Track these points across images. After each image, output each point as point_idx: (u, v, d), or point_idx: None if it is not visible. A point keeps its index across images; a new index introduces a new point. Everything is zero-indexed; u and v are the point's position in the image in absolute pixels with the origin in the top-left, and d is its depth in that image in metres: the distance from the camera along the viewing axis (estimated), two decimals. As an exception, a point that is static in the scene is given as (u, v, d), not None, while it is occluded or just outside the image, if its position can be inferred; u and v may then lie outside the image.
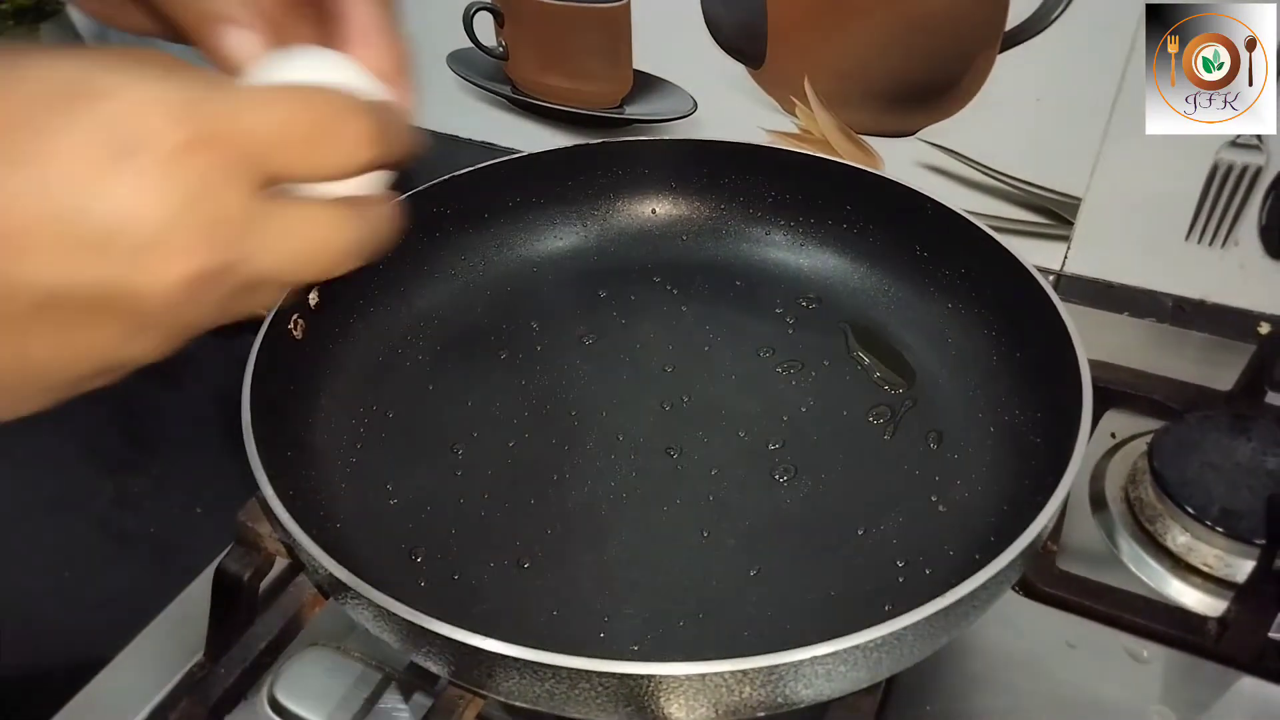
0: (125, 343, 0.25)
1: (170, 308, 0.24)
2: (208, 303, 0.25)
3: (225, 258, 0.24)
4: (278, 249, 0.26)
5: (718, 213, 0.60)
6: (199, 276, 0.24)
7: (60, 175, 0.22)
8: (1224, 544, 0.47)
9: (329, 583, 0.36)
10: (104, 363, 0.25)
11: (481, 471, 0.47)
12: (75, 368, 0.25)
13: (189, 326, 0.26)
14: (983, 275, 0.52)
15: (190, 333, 0.26)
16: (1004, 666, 0.45)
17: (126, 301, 0.23)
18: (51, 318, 0.23)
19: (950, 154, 0.66)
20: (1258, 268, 0.61)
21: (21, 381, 0.25)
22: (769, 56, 0.68)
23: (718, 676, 0.31)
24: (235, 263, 0.25)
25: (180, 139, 0.23)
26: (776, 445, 0.48)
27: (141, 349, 0.25)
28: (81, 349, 0.24)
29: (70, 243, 0.22)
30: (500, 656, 0.32)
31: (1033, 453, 0.45)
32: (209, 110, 0.24)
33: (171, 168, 0.23)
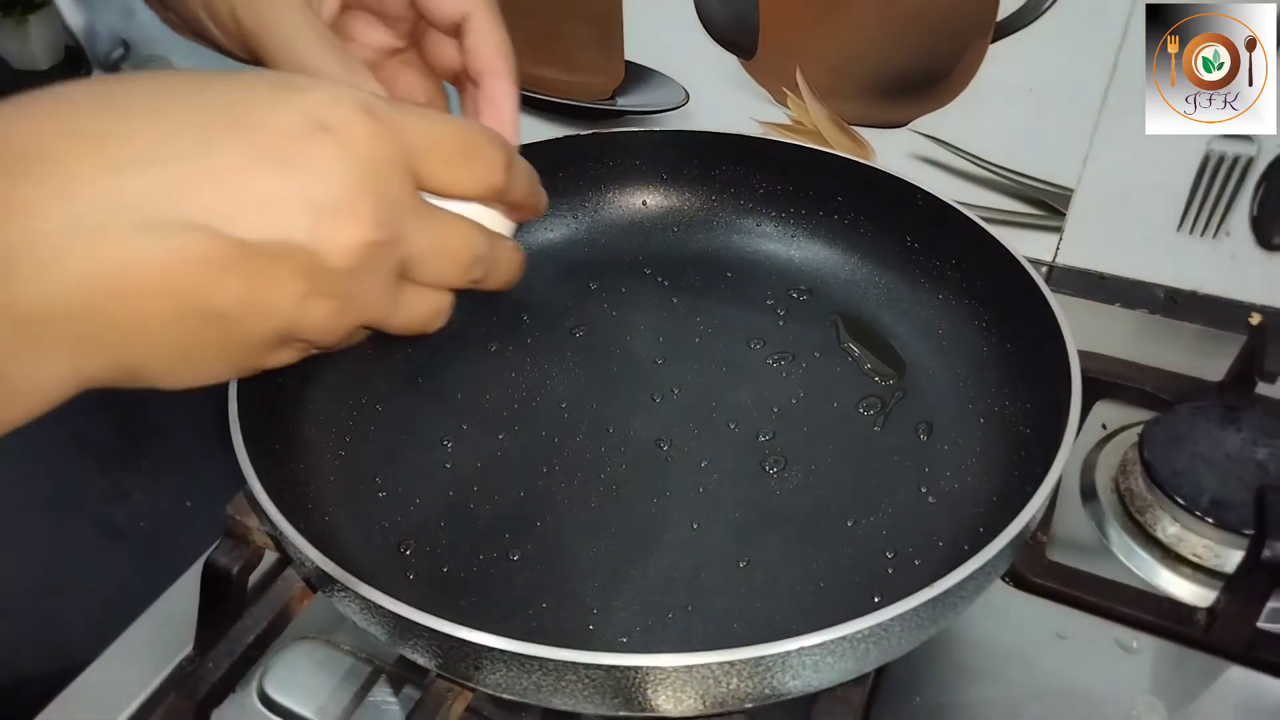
0: (302, 304, 0.27)
1: (343, 273, 0.27)
2: (373, 280, 0.28)
3: (390, 233, 0.28)
4: (427, 239, 0.30)
5: (709, 204, 0.60)
6: (369, 244, 0.27)
7: (268, 142, 0.26)
8: (1213, 534, 0.47)
9: (316, 576, 0.36)
10: (281, 323, 0.27)
11: (471, 464, 0.47)
12: (255, 326, 0.27)
13: (354, 306, 0.28)
14: (974, 266, 0.52)
15: (352, 318, 0.29)
16: (993, 657, 0.45)
17: (308, 258, 0.26)
18: (241, 267, 0.25)
19: (942, 145, 0.66)
20: (1249, 258, 0.61)
21: (204, 339, 0.27)
22: (761, 47, 0.67)
23: (704, 668, 0.31)
24: (396, 241, 0.28)
25: (364, 126, 0.27)
26: (767, 437, 0.48)
27: (315, 318, 0.28)
28: (261, 303, 0.26)
29: (269, 199, 0.26)
30: (487, 649, 0.32)
31: (1022, 444, 0.45)
32: (385, 111, 0.28)
33: (355, 148, 0.27)
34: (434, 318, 0.32)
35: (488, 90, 0.39)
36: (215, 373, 0.28)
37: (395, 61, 0.42)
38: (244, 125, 0.26)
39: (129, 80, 0.27)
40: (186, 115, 0.26)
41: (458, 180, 0.31)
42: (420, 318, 0.32)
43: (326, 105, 0.27)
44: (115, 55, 0.93)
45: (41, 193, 0.24)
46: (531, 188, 0.35)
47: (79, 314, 0.24)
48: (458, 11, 0.38)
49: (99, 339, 0.25)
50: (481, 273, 0.32)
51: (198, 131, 0.26)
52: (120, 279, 0.24)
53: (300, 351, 0.30)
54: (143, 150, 0.25)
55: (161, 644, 0.46)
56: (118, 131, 0.25)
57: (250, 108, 0.26)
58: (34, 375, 0.25)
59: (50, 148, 0.24)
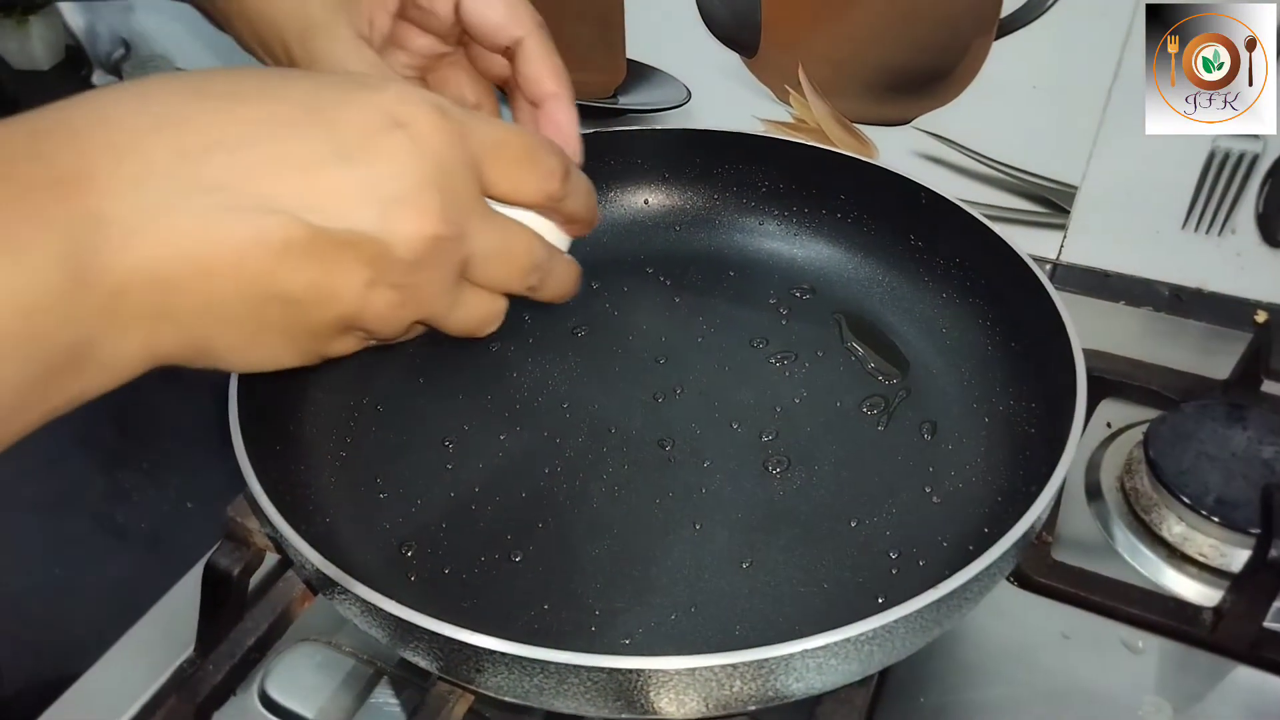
0: (367, 293, 0.28)
1: (408, 264, 0.28)
2: (435, 274, 0.29)
3: (455, 229, 0.29)
4: (490, 240, 0.31)
5: (711, 203, 0.59)
6: (435, 238, 0.28)
7: (343, 135, 0.27)
8: (1219, 534, 0.46)
9: (317, 578, 0.36)
10: (346, 310, 0.28)
11: (472, 464, 0.47)
12: (321, 312, 0.28)
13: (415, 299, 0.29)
14: (977, 264, 0.51)
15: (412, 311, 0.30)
16: (998, 657, 0.44)
17: (376, 247, 0.27)
18: (312, 252, 0.26)
19: (946, 142, 0.65)
20: (1255, 256, 0.61)
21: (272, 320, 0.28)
22: (763, 45, 0.67)
23: (707, 670, 0.31)
24: (460, 237, 0.29)
25: (435, 124, 0.28)
26: (770, 437, 0.48)
27: (378, 307, 0.29)
28: (329, 289, 0.27)
29: (342, 188, 0.27)
30: (488, 651, 0.32)
31: (1027, 443, 0.45)
32: (455, 112, 0.29)
33: (426, 145, 0.28)
34: (488, 321, 0.33)
35: (550, 112, 0.40)
36: (279, 357, 0.29)
37: (444, 64, 0.43)
38: (320, 118, 0.27)
39: (209, 74, 0.28)
40: (265, 106, 0.27)
41: (519, 184, 0.32)
42: (475, 319, 0.32)
43: (400, 103, 0.28)
44: (116, 55, 0.93)
45: (127, 171, 0.25)
46: (587, 201, 0.36)
47: (159, 288, 0.25)
48: (509, 36, 0.39)
49: (175, 314, 0.26)
50: (538, 280, 0.34)
51: (276, 122, 0.27)
52: (199, 256, 0.25)
53: (360, 341, 0.31)
54: (223, 136, 0.26)
55: (163, 646, 0.46)
56: (199, 119, 0.26)
57: (326, 102, 0.28)
58: (113, 348, 0.25)
59: (135, 130, 0.25)
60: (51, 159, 0.24)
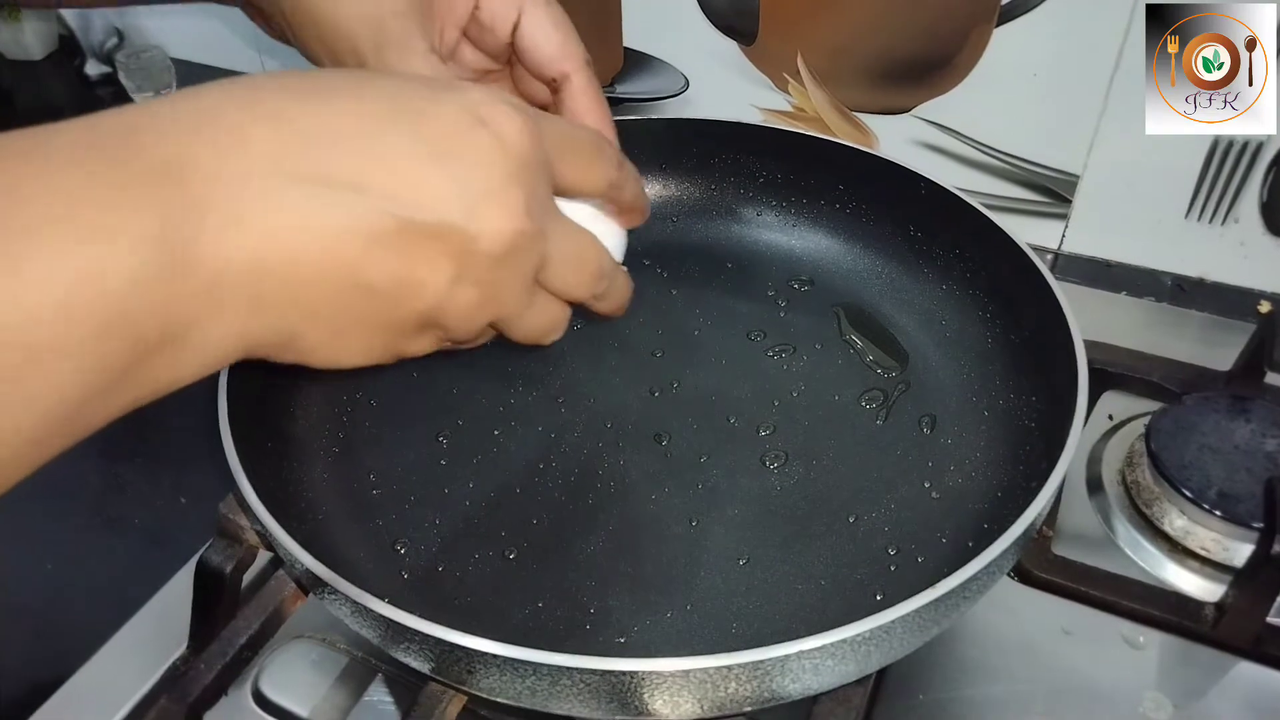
0: (451, 288, 0.29)
1: (492, 259, 0.29)
2: (514, 272, 0.30)
3: (536, 225, 0.30)
4: (565, 244, 0.32)
5: (708, 193, 0.59)
6: (519, 233, 0.29)
7: (432, 132, 0.28)
8: (1222, 528, 0.46)
9: (307, 578, 0.35)
10: (428, 305, 0.29)
11: (466, 460, 0.47)
12: (405, 305, 0.29)
13: (494, 298, 0.30)
14: (977, 255, 0.51)
15: (490, 311, 0.30)
16: (998, 653, 0.44)
17: (462, 240, 0.28)
18: (401, 244, 0.27)
19: (946, 131, 0.65)
20: (1258, 245, 0.60)
21: (359, 311, 0.28)
22: (762, 33, 0.66)
23: (701, 672, 0.31)
24: (539, 235, 0.30)
25: (517, 123, 0.29)
26: (767, 431, 0.47)
27: (459, 304, 0.29)
28: (415, 282, 0.28)
29: (431, 182, 0.28)
30: (479, 653, 0.31)
31: (1027, 437, 0.44)
32: (530, 111, 0.30)
33: (509, 143, 0.29)
34: (554, 327, 0.34)
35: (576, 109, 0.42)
36: (361, 351, 0.30)
37: (489, 79, 0.45)
38: (410, 116, 0.28)
39: (301, 74, 0.29)
40: (358, 104, 0.28)
41: (587, 174, 0.33)
42: (543, 324, 0.33)
43: (483, 104, 0.29)
44: (109, 45, 0.92)
45: (228, 161, 0.25)
46: (639, 189, 0.37)
47: (254, 275, 0.26)
48: (558, 70, 0.41)
49: (269, 301, 0.26)
50: (604, 288, 0.35)
51: (369, 118, 0.28)
52: (294, 243, 0.26)
53: (436, 342, 0.31)
54: (319, 131, 0.27)
55: (155, 644, 0.46)
56: (296, 114, 0.27)
57: (415, 101, 0.29)
58: (207, 333, 0.26)
59: (236, 124, 0.26)
60: (154, 148, 0.25)
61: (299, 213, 0.26)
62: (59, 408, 0.23)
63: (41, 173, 0.23)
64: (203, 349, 0.26)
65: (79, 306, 0.23)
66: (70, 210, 0.23)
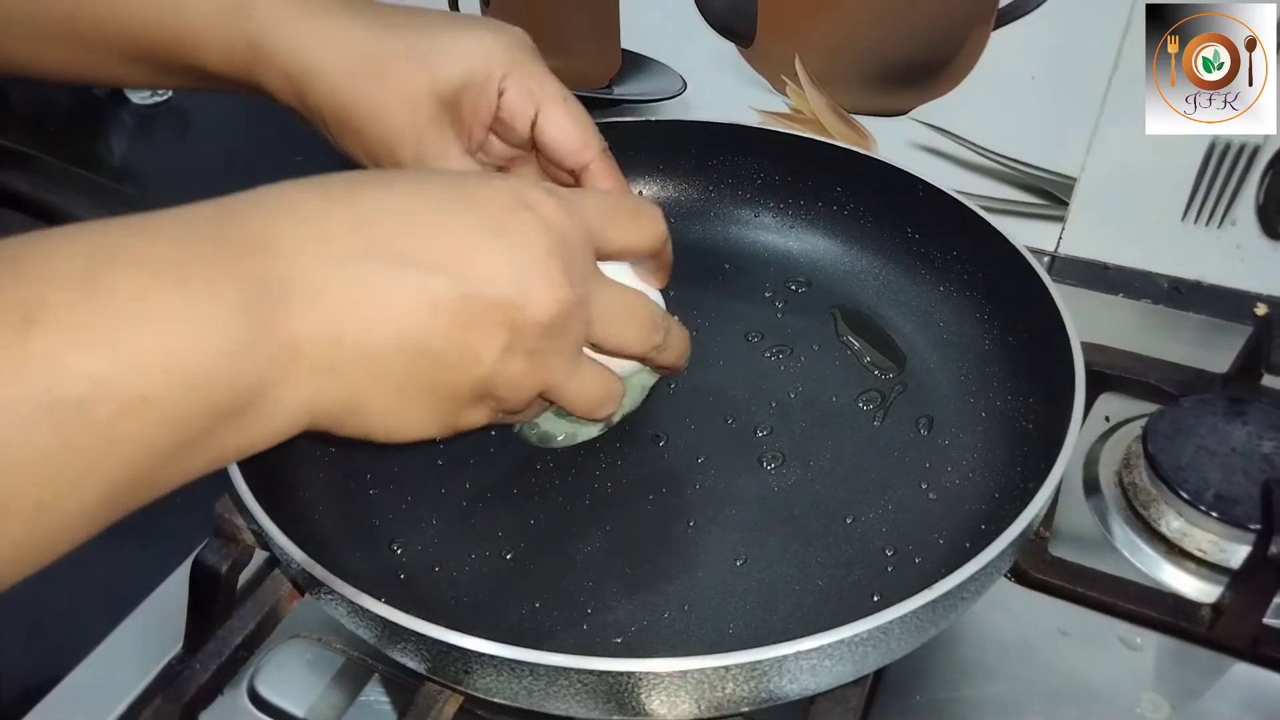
0: (504, 356, 0.31)
1: (540, 328, 0.31)
2: (562, 341, 0.32)
3: (579, 292, 0.32)
4: (609, 301, 0.34)
5: (706, 194, 0.59)
6: (561, 301, 0.31)
7: (486, 214, 0.31)
8: (1218, 529, 0.46)
9: (303, 578, 0.35)
10: (483, 373, 0.31)
11: (464, 460, 0.47)
12: (462, 373, 0.31)
13: (543, 367, 0.32)
14: (975, 257, 0.51)
15: (540, 378, 0.33)
16: (995, 654, 0.44)
17: (513, 309, 0.30)
18: (461, 314, 0.30)
19: (944, 134, 0.65)
20: (1255, 248, 0.60)
21: (420, 380, 0.30)
22: (759, 34, 0.66)
23: (699, 673, 0.31)
24: (584, 301, 0.33)
25: (554, 205, 0.32)
26: (764, 432, 0.47)
27: (511, 372, 0.32)
28: (471, 351, 0.30)
29: (489, 256, 0.30)
30: (476, 653, 0.31)
31: (1025, 439, 0.44)
32: (566, 193, 0.34)
33: (549, 222, 0.32)
34: (606, 396, 0.36)
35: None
36: (419, 421, 0.32)
37: (516, 163, 0.47)
38: (465, 200, 0.31)
39: (364, 172, 0.35)
40: (418, 191, 0.31)
41: (634, 236, 0.37)
42: (594, 393, 0.35)
43: (525, 189, 0.32)
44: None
45: (309, 239, 0.28)
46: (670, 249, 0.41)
47: (330, 343, 0.28)
48: (577, 161, 0.43)
49: (342, 369, 0.29)
50: (660, 339, 0.37)
51: (431, 203, 0.31)
52: (369, 314, 0.29)
53: (490, 413, 0.34)
54: (388, 211, 0.30)
55: (150, 644, 0.46)
56: (367, 198, 0.30)
57: (466, 188, 0.32)
58: (280, 398, 0.28)
59: (314, 205, 0.29)
60: (242, 225, 0.28)
61: (374, 286, 0.29)
62: (143, 460, 0.25)
63: (152, 243, 0.26)
64: (274, 415, 0.28)
65: (174, 361, 0.25)
66: (174, 277, 0.25)
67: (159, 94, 0.89)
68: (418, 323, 0.29)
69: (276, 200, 0.29)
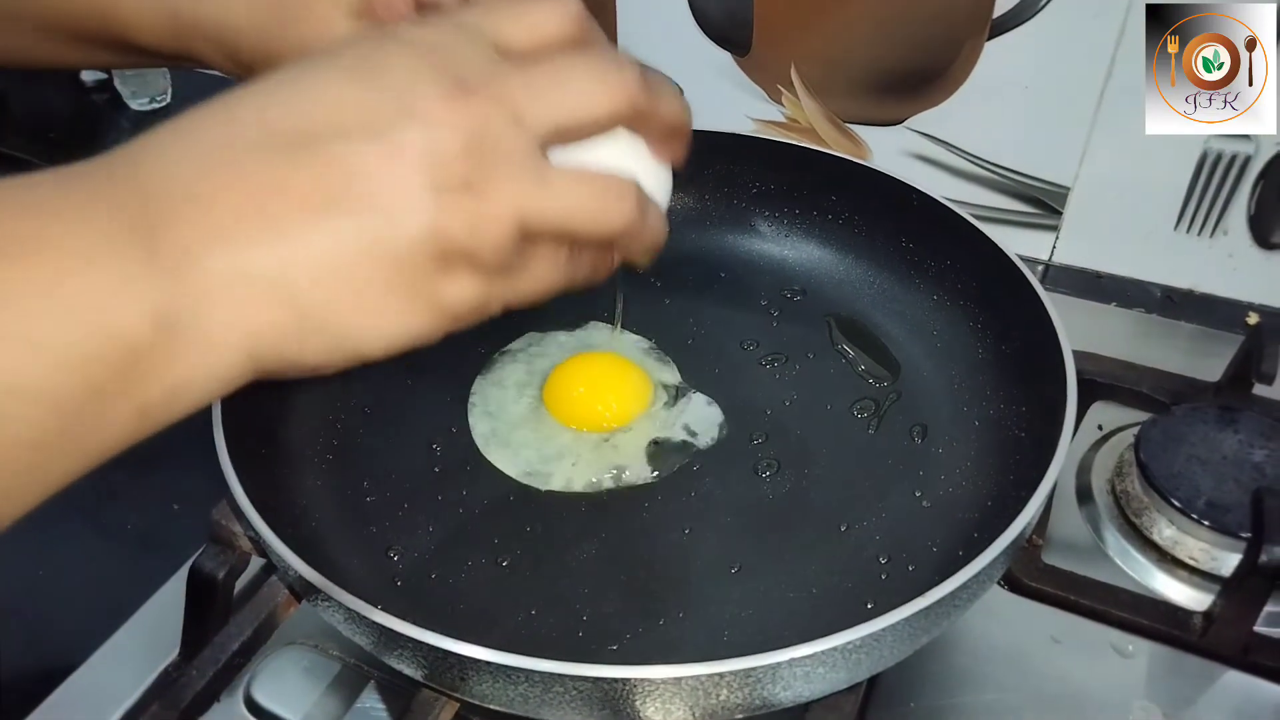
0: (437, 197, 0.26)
1: (460, 149, 0.27)
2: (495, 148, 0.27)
3: (488, 93, 0.27)
4: (538, 80, 0.29)
5: (702, 203, 0.59)
6: (467, 109, 0.27)
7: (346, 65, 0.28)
8: (1210, 538, 0.46)
9: (300, 584, 0.35)
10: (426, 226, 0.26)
11: (460, 467, 0.47)
12: (400, 238, 0.26)
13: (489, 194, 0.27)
14: (968, 266, 0.51)
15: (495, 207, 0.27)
16: (988, 661, 0.44)
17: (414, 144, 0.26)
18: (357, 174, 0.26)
19: (938, 143, 0.65)
20: (1246, 257, 0.61)
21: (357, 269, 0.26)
22: (756, 44, 0.67)
23: (693, 679, 0.31)
24: (498, 99, 0.27)
25: (421, 25, 0.29)
26: (759, 440, 0.48)
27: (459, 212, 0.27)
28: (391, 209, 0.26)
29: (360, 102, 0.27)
30: (472, 660, 0.31)
31: (1017, 447, 0.44)
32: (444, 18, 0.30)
33: (419, 39, 0.28)
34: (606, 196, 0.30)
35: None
36: (394, 316, 0.28)
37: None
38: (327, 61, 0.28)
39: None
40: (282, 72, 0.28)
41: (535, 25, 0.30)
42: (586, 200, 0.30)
43: (390, 28, 0.29)
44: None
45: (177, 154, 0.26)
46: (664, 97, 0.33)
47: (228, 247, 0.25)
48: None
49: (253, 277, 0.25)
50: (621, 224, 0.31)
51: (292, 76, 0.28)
52: (261, 204, 0.25)
53: (476, 277, 0.28)
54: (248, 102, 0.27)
55: (147, 651, 0.46)
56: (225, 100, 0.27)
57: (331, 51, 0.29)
58: (201, 330, 0.25)
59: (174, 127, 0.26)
60: (103, 164, 0.25)
61: (257, 175, 0.25)
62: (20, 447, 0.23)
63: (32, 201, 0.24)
64: (203, 351, 0.25)
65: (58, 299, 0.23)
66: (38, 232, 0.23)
67: (157, 99, 0.90)
68: (319, 197, 0.26)
69: (143, 136, 0.26)
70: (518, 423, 0.48)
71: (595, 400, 0.48)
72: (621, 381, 0.50)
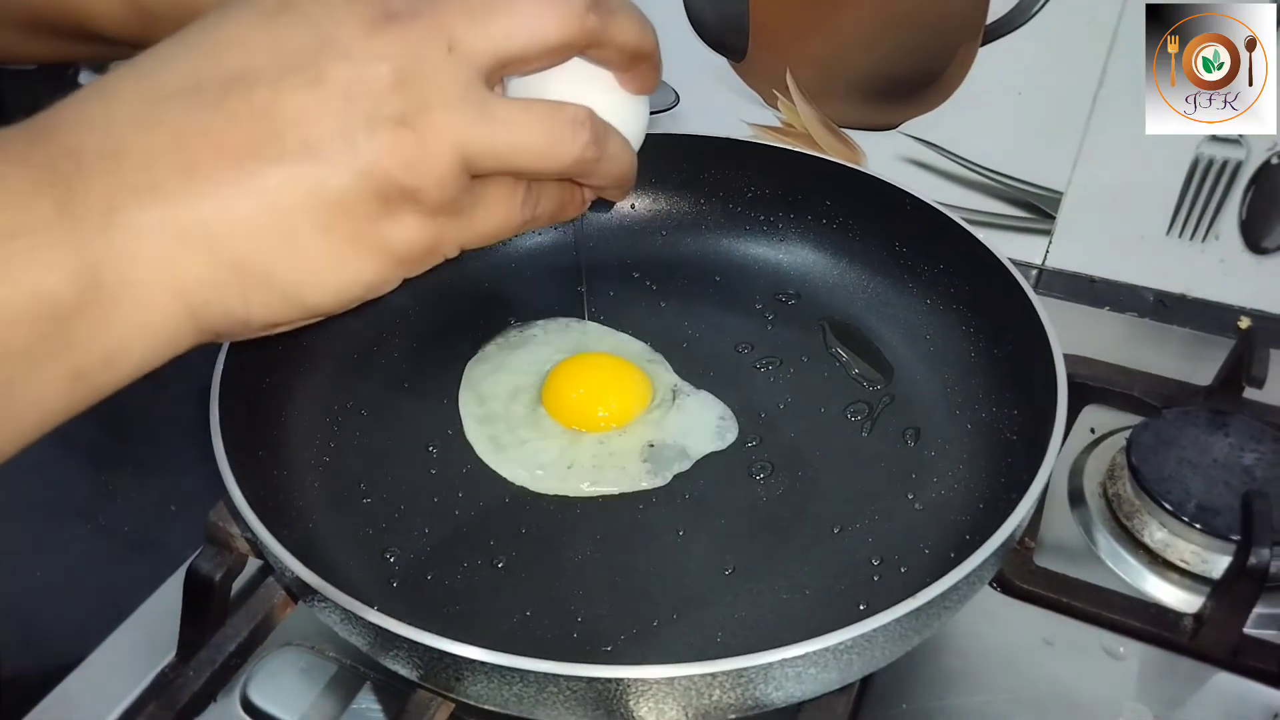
0: (370, 133, 0.25)
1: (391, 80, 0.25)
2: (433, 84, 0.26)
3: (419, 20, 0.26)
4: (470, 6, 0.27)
5: (697, 208, 0.59)
6: (395, 37, 0.26)
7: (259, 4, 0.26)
8: (1201, 540, 0.47)
9: (296, 585, 0.36)
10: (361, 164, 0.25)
11: (456, 469, 0.47)
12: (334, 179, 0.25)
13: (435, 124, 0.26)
14: (961, 271, 0.51)
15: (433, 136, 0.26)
16: (980, 663, 0.45)
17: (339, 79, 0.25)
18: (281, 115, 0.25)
19: (932, 148, 0.65)
20: (1238, 262, 0.61)
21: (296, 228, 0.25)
22: (751, 49, 0.67)
23: (686, 679, 0.31)
24: (432, 25, 0.26)
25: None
26: (753, 442, 0.48)
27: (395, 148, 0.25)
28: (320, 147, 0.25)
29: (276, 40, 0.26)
30: (467, 660, 0.32)
31: (1009, 450, 0.45)
32: None
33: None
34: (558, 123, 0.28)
35: None
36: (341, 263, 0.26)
37: None
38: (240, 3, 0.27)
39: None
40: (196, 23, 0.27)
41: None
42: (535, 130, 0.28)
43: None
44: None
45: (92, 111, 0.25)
46: (635, 25, 0.31)
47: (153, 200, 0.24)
48: None
49: (185, 232, 0.24)
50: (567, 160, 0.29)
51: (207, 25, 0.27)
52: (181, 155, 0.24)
53: (423, 217, 0.27)
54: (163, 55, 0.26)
55: (144, 652, 0.46)
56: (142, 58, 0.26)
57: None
58: (132, 287, 0.24)
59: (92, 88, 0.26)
60: (24, 127, 0.25)
61: (176, 123, 0.25)
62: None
63: None
64: (136, 308, 0.24)
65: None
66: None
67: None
68: (244, 143, 0.25)
69: (65, 99, 0.25)
70: (515, 424, 0.49)
71: (595, 401, 0.48)
72: (622, 382, 0.50)
